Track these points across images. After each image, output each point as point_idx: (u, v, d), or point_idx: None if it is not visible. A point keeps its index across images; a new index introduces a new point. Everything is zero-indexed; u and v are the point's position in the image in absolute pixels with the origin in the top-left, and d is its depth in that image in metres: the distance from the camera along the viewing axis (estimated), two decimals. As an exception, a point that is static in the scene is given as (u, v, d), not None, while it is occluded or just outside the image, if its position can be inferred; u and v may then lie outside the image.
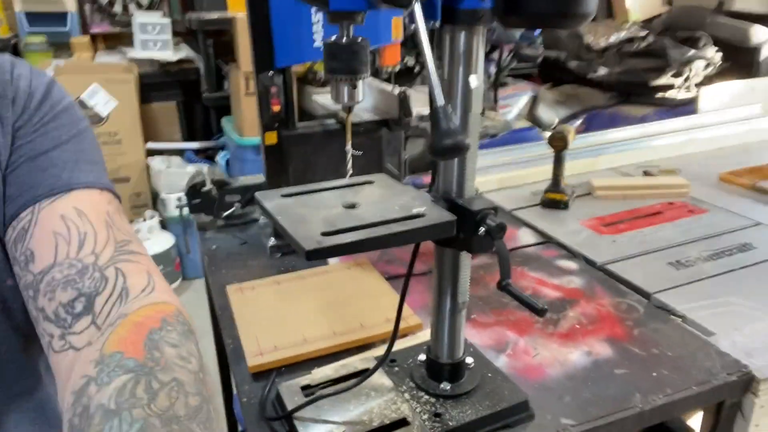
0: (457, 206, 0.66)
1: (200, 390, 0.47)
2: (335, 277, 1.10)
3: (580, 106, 3.15)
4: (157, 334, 0.50)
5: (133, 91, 2.98)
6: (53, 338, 0.53)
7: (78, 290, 0.53)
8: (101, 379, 0.45)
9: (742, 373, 0.83)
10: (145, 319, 0.51)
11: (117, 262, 0.56)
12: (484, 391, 0.77)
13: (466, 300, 0.74)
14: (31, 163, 0.59)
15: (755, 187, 1.48)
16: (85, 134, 0.65)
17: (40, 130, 0.60)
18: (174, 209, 2.82)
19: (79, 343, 0.52)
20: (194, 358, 0.50)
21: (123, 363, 0.46)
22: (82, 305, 0.53)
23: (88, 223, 0.57)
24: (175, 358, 0.48)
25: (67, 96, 0.66)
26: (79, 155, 0.62)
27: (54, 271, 0.54)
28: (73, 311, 0.53)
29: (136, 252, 0.58)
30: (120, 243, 0.58)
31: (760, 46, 2.83)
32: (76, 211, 0.58)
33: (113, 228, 0.59)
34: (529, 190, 1.52)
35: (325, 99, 1.34)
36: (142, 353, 0.47)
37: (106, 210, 0.60)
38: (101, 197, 0.61)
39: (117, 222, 0.60)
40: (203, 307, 1.47)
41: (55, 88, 0.65)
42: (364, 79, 0.61)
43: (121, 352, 0.47)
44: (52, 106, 0.62)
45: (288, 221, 0.63)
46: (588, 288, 1.07)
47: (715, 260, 1.14)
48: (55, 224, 0.56)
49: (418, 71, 2.98)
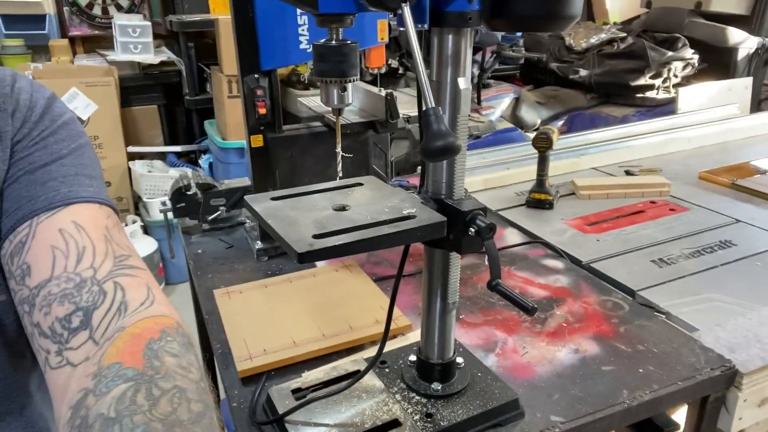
0: (446, 207, 0.66)
1: (203, 397, 0.47)
2: (323, 279, 1.10)
3: (562, 107, 3.18)
4: (157, 344, 0.49)
5: (114, 95, 2.94)
6: (49, 354, 0.52)
7: (75, 304, 0.52)
8: (99, 390, 0.44)
9: (725, 368, 0.85)
10: (143, 331, 0.50)
11: (116, 276, 0.55)
12: (474, 391, 0.77)
13: (456, 300, 0.74)
14: (30, 176, 0.58)
15: (734, 185, 1.51)
16: (85, 149, 0.64)
17: (39, 144, 0.60)
18: (157, 213, 2.79)
19: (76, 359, 0.50)
20: (195, 369, 0.49)
21: (122, 372, 0.45)
22: (80, 320, 0.52)
23: (87, 237, 0.56)
24: (176, 367, 0.47)
25: (67, 111, 0.65)
26: (79, 169, 0.61)
27: (51, 285, 0.53)
28: (69, 326, 0.51)
29: (135, 266, 0.57)
30: (119, 257, 0.57)
31: (737, 47, 2.89)
32: (75, 225, 0.57)
33: (112, 242, 0.58)
34: (513, 191, 1.54)
35: (310, 101, 1.34)
36: (142, 362, 0.46)
37: (105, 225, 0.59)
38: (100, 212, 0.60)
39: (116, 237, 0.59)
40: (188, 311, 1.45)
41: (56, 102, 0.64)
42: (353, 81, 0.61)
43: (120, 363, 0.46)
44: (52, 120, 0.62)
45: (279, 224, 0.62)
46: (574, 286, 1.08)
47: (697, 257, 1.16)
48: (53, 238, 0.55)
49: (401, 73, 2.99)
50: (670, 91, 2.91)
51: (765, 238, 1.24)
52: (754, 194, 1.46)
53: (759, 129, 2.00)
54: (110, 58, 3.07)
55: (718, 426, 0.89)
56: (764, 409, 0.88)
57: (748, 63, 2.96)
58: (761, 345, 0.89)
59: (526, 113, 3.09)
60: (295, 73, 2.88)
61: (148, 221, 2.95)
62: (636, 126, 2.02)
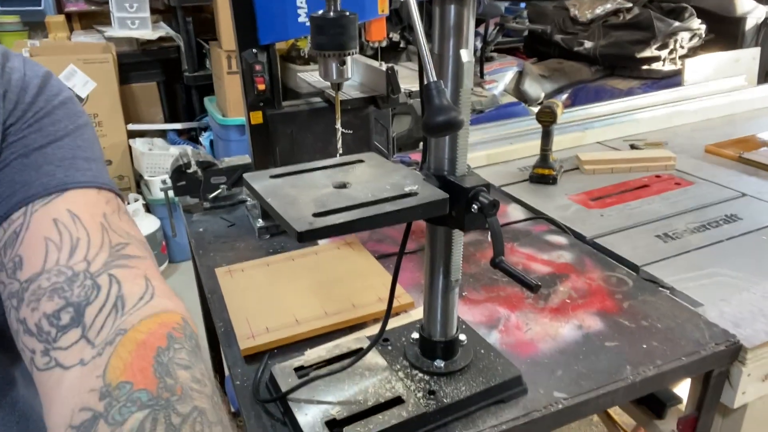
0: (449, 183, 0.65)
1: (221, 417, 0.44)
2: (325, 257, 1.09)
3: (566, 80, 3.14)
4: (166, 356, 0.46)
5: (112, 72, 2.91)
6: (35, 354, 0.48)
7: (65, 299, 0.48)
8: (112, 417, 0.41)
9: (730, 343, 0.85)
10: (148, 337, 0.46)
11: (111, 268, 0.51)
12: (477, 368, 0.77)
13: (459, 278, 0.74)
14: (25, 159, 0.55)
15: (741, 159, 1.49)
16: (84, 129, 0.61)
17: (33, 126, 0.56)
18: (158, 192, 2.78)
19: (67, 361, 0.47)
20: (208, 380, 0.47)
21: (134, 397, 0.42)
22: (70, 316, 0.48)
23: (82, 227, 0.53)
24: (191, 383, 0.45)
25: (65, 89, 0.61)
26: (77, 152, 0.58)
27: (41, 279, 0.50)
28: (58, 323, 0.48)
29: (133, 256, 0.54)
30: (116, 247, 0.53)
31: (745, 16, 2.83)
32: (70, 215, 0.54)
33: (109, 231, 0.54)
34: (516, 166, 1.52)
35: (310, 77, 1.32)
36: (155, 382, 0.43)
37: (103, 211, 0.56)
38: (98, 197, 0.57)
39: (114, 224, 0.56)
40: (191, 290, 1.46)
41: (52, 80, 0.60)
42: (352, 54, 0.59)
43: (130, 383, 0.43)
44: (47, 100, 0.58)
45: (278, 202, 0.61)
46: (578, 262, 1.07)
47: (702, 232, 1.15)
48: (47, 229, 0.52)
49: (403, 47, 2.94)
50: (676, 62, 2.87)
51: (771, 212, 1.22)
52: (761, 167, 1.44)
53: (766, 101, 1.97)
54: (108, 34, 3.02)
55: (721, 400, 0.89)
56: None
57: (757, 33, 2.90)
58: (766, 320, 0.89)
59: (530, 87, 3.04)
60: (295, 48, 2.84)
61: (150, 200, 2.95)
62: (641, 99, 1.99)
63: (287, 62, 2.84)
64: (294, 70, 2.46)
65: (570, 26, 3.24)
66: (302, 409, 0.71)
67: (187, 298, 0.54)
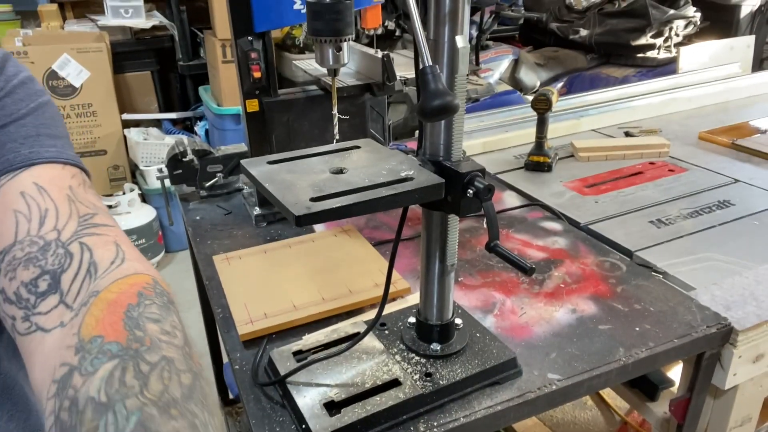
0: (444, 169, 0.66)
1: (190, 366, 0.46)
2: (322, 244, 1.10)
3: (562, 68, 3.14)
4: (136, 311, 0.47)
5: (106, 61, 2.89)
6: (16, 320, 0.50)
7: (41, 268, 0.51)
8: (85, 368, 0.43)
9: (721, 326, 0.86)
10: (119, 296, 0.48)
11: (81, 236, 0.53)
12: (473, 351, 0.78)
13: (454, 262, 0.75)
14: None
15: (734, 145, 1.50)
16: (46, 108, 0.62)
17: None
18: (155, 181, 2.78)
19: (47, 324, 0.49)
20: (178, 331, 0.48)
21: (105, 348, 0.44)
22: (47, 283, 0.50)
23: (49, 198, 0.55)
24: (160, 334, 0.46)
25: (23, 70, 0.62)
26: (40, 129, 0.59)
27: (15, 250, 0.52)
28: (36, 290, 0.50)
29: (101, 224, 0.56)
30: (84, 216, 0.55)
31: (740, 4, 2.83)
32: (37, 187, 0.55)
33: (75, 202, 0.56)
34: (512, 154, 1.53)
35: (306, 64, 1.32)
36: (124, 334, 0.45)
37: (69, 185, 0.58)
38: (63, 172, 0.59)
39: (80, 196, 0.57)
40: (189, 279, 1.46)
41: (10, 62, 0.62)
42: (348, 40, 0.59)
43: (101, 336, 0.45)
44: (6, 80, 0.60)
45: (276, 188, 0.62)
46: (572, 248, 1.09)
47: (695, 218, 1.16)
48: (15, 202, 0.54)
49: (398, 35, 2.93)
50: (671, 50, 2.87)
51: (763, 198, 1.24)
52: (753, 154, 1.45)
53: (760, 88, 1.98)
54: (101, 23, 3.00)
55: (712, 382, 0.91)
56: (759, 365, 0.90)
57: (751, 21, 2.90)
58: (757, 303, 0.90)
59: (526, 75, 3.04)
60: (290, 37, 2.83)
61: (145, 189, 2.94)
62: (636, 86, 1.99)
63: (282, 51, 2.83)
64: (289, 59, 2.46)
65: (565, 14, 3.24)
66: (301, 392, 0.72)
67: (184, 287, 0.55)
